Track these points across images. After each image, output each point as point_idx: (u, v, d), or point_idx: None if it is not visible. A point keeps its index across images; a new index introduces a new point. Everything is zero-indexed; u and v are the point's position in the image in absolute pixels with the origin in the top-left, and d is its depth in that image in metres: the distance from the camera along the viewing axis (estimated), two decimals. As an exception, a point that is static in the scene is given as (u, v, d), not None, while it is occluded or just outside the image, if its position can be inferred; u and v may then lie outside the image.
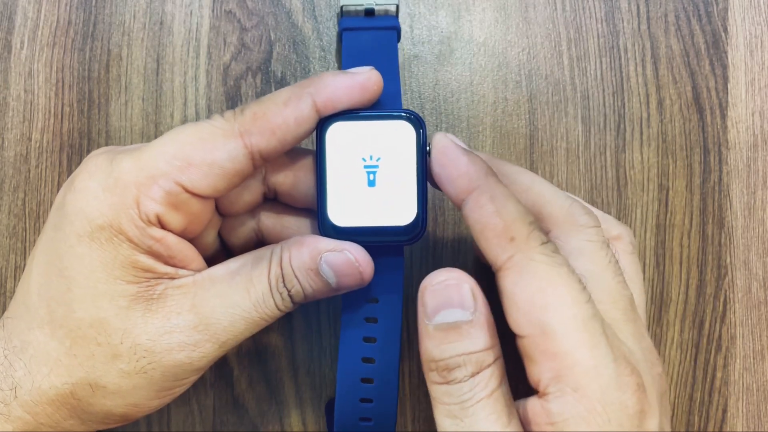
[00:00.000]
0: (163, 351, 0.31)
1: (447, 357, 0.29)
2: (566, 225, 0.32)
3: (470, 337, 0.29)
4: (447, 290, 0.30)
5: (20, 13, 0.41)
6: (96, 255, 0.31)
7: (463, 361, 0.29)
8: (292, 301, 0.33)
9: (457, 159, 0.31)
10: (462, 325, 0.29)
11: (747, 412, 0.42)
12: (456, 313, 0.29)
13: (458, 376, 0.29)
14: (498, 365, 0.29)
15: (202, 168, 0.31)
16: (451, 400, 0.29)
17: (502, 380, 0.29)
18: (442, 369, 0.29)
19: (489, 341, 0.29)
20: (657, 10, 0.42)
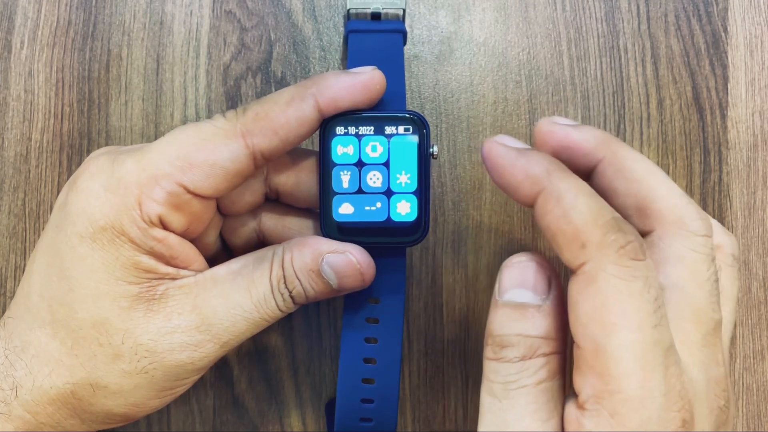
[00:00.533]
0: (165, 351, 0.31)
1: (504, 333, 0.28)
2: (673, 227, 0.28)
3: (533, 321, 0.28)
4: (525, 270, 0.29)
5: (20, 13, 0.41)
6: (98, 255, 0.31)
7: (517, 341, 0.27)
8: (294, 302, 0.33)
9: (512, 164, 0.28)
10: (529, 307, 0.28)
11: (747, 412, 0.42)
12: (527, 294, 0.28)
13: (508, 355, 0.27)
14: (554, 359, 0.27)
15: (204, 168, 0.31)
16: (496, 378, 0.28)
17: (555, 376, 0.27)
18: (497, 344, 0.28)
19: (551, 333, 0.27)
20: (657, 10, 0.42)
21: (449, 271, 0.42)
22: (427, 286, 0.42)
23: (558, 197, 0.26)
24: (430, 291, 0.42)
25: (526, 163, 0.27)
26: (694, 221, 0.28)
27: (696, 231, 0.28)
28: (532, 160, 0.27)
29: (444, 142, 0.42)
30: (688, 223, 0.28)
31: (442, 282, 0.42)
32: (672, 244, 0.28)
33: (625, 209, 0.29)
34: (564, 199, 0.26)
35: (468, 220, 0.42)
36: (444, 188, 0.42)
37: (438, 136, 0.42)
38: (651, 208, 0.29)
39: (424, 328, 0.42)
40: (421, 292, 0.42)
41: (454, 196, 0.42)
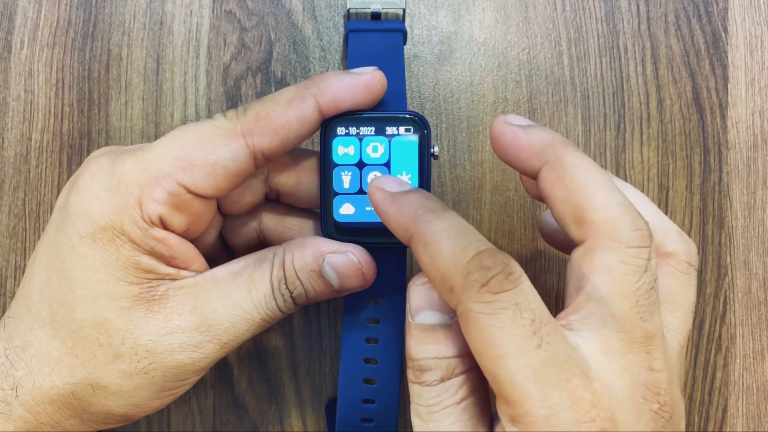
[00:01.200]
0: (165, 352, 0.31)
1: (421, 358, 0.28)
2: (605, 238, 0.28)
3: (445, 342, 0.28)
4: (429, 291, 0.29)
5: (20, 13, 0.41)
6: (98, 256, 0.31)
7: (434, 365, 0.28)
8: (294, 302, 0.33)
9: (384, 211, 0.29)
10: (439, 328, 0.28)
11: (747, 412, 0.42)
12: (435, 315, 0.29)
13: (428, 379, 0.28)
14: (472, 375, 0.28)
15: (205, 168, 0.31)
16: (420, 401, 0.28)
17: (475, 390, 0.28)
18: (416, 369, 0.29)
19: (464, 349, 0.28)
20: (657, 10, 0.42)
21: (449, 271, 0.42)
22: (427, 286, 0.42)
23: (425, 243, 0.27)
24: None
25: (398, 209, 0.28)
26: (625, 233, 0.28)
27: (627, 243, 0.28)
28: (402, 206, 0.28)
29: (444, 142, 0.42)
30: (620, 235, 0.28)
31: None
32: (602, 255, 0.28)
33: (562, 216, 0.29)
34: (429, 245, 0.27)
35: (468, 220, 0.42)
36: (444, 188, 0.42)
37: (438, 136, 0.42)
38: (585, 217, 0.29)
39: (424, 328, 0.42)
40: (421, 292, 0.42)
41: (454, 196, 0.42)
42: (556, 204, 0.29)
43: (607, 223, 0.28)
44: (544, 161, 0.29)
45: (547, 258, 0.42)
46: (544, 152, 0.29)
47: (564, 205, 0.29)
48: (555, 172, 0.29)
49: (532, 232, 0.42)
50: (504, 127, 0.30)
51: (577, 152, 0.29)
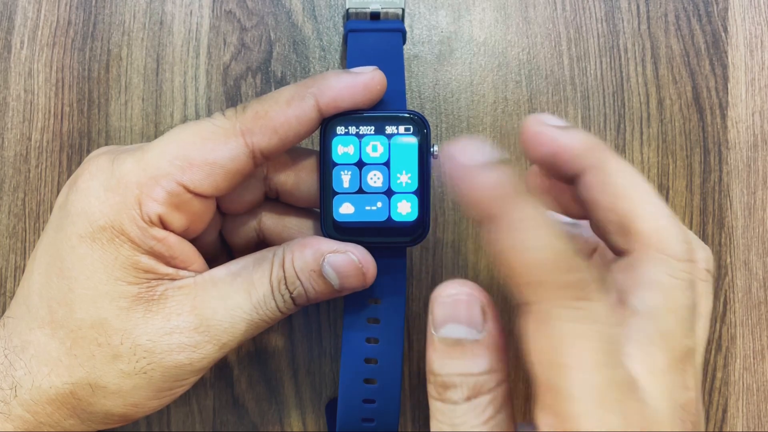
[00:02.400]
0: (163, 352, 0.31)
1: (445, 374, 0.27)
2: (653, 250, 0.27)
3: (473, 357, 0.27)
4: (456, 305, 0.27)
5: (20, 13, 0.41)
6: (97, 256, 0.31)
7: (460, 382, 0.27)
8: (294, 303, 0.32)
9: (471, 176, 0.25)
10: (466, 343, 0.27)
11: (747, 412, 0.42)
12: (461, 329, 0.27)
13: (453, 396, 0.27)
14: (499, 392, 0.27)
15: (204, 168, 0.31)
16: (443, 419, 0.27)
17: (502, 407, 0.27)
18: (439, 385, 0.27)
19: (493, 365, 0.27)
20: (657, 10, 0.42)
21: (449, 271, 0.42)
22: (427, 286, 0.42)
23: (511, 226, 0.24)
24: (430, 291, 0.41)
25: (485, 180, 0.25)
26: (675, 245, 0.27)
27: (676, 256, 0.27)
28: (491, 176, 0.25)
29: (444, 142, 0.42)
30: (668, 247, 0.27)
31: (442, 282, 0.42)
32: (650, 268, 0.27)
33: (606, 224, 0.28)
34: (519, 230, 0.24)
35: (468, 220, 0.42)
36: (444, 188, 0.42)
37: (438, 136, 0.42)
38: (632, 227, 0.28)
39: (424, 328, 0.42)
40: (421, 292, 0.42)
41: (455, 196, 0.42)
42: (599, 211, 0.28)
43: (655, 235, 0.27)
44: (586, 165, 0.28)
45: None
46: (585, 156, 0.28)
47: (608, 213, 0.28)
48: (598, 177, 0.28)
49: (532, 232, 0.42)
50: (540, 127, 0.28)
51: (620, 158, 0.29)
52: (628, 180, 0.28)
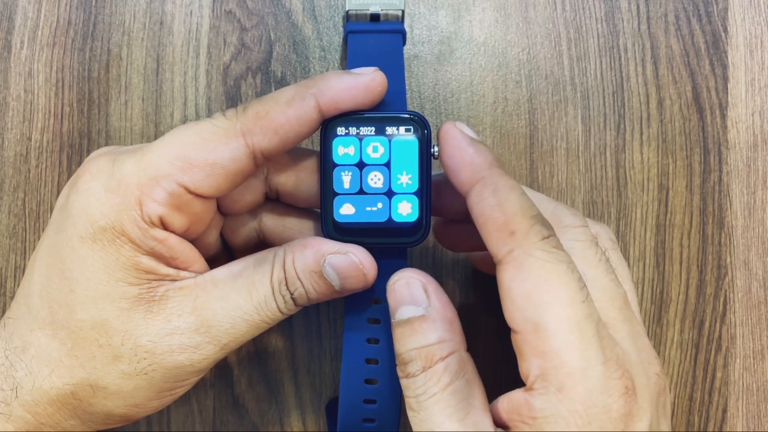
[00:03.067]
0: (164, 353, 0.31)
1: (403, 351, 0.30)
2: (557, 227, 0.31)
3: (422, 331, 0.30)
4: (400, 288, 0.31)
5: (20, 13, 0.41)
6: (98, 257, 0.31)
7: (415, 355, 0.30)
8: (295, 303, 0.32)
9: (462, 149, 0.30)
10: (414, 320, 0.30)
11: (747, 412, 0.42)
12: (409, 309, 0.30)
13: (411, 370, 0.30)
14: (454, 359, 0.30)
15: (204, 168, 0.31)
16: (409, 394, 0.30)
17: (459, 374, 0.29)
18: (401, 363, 0.30)
19: (442, 335, 0.30)
20: (657, 10, 0.42)
21: (449, 271, 0.42)
22: (427, 286, 0.42)
23: (495, 188, 0.29)
24: (430, 291, 0.42)
25: (474, 152, 0.30)
26: (567, 216, 0.32)
27: (572, 224, 0.32)
28: (479, 151, 0.30)
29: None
30: (563, 219, 0.32)
31: (442, 282, 0.42)
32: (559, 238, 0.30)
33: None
34: (499, 191, 0.29)
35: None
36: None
37: (438, 136, 0.42)
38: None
39: (424, 328, 0.42)
40: (421, 292, 0.42)
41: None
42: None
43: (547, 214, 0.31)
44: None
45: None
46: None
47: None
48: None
49: (532, 232, 0.42)
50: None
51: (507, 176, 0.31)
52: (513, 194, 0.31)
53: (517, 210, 0.29)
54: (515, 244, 0.28)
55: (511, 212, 0.29)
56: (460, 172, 0.30)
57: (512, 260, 0.28)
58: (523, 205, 0.29)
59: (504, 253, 0.29)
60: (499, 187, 0.29)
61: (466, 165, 0.30)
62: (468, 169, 0.30)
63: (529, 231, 0.28)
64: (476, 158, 0.30)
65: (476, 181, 0.30)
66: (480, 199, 0.29)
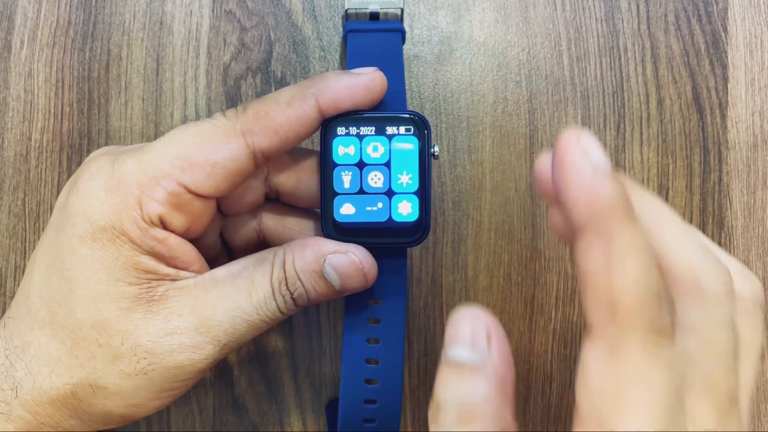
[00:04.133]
0: (164, 352, 0.31)
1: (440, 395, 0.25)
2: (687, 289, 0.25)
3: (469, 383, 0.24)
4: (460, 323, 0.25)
5: (20, 13, 0.41)
6: (98, 256, 0.31)
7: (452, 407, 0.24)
8: (295, 303, 0.32)
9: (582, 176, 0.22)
10: (465, 366, 0.25)
11: (747, 411, 0.42)
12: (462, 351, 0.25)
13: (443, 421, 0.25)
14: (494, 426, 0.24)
15: (205, 168, 0.31)
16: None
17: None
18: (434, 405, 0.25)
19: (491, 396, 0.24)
20: (657, 10, 0.42)
21: (449, 271, 0.42)
22: (427, 286, 0.42)
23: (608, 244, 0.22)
24: (430, 291, 0.42)
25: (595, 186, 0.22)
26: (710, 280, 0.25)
27: (713, 292, 0.25)
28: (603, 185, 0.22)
29: (444, 142, 0.42)
30: (704, 285, 0.25)
31: (442, 282, 0.42)
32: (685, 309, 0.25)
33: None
34: (614, 251, 0.22)
35: (468, 220, 0.42)
36: (444, 188, 0.42)
37: (438, 136, 0.42)
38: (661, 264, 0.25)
39: (424, 328, 0.42)
40: (421, 292, 0.42)
41: (454, 196, 0.42)
42: None
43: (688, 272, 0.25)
44: None
45: (547, 258, 0.42)
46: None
47: None
48: None
49: (531, 232, 0.42)
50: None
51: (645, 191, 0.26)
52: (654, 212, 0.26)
53: (630, 285, 0.22)
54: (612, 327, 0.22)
55: (621, 287, 0.22)
56: (571, 206, 0.23)
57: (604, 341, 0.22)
58: (640, 279, 0.22)
59: (597, 327, 0.23)
60: (616, 244, 0.22)
61: (580, 201, 0.22)
62: (582, 206, 0.22)
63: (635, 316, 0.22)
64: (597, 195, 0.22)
65: (588, 226, 0.22)
66: (586, 254, 0.23)
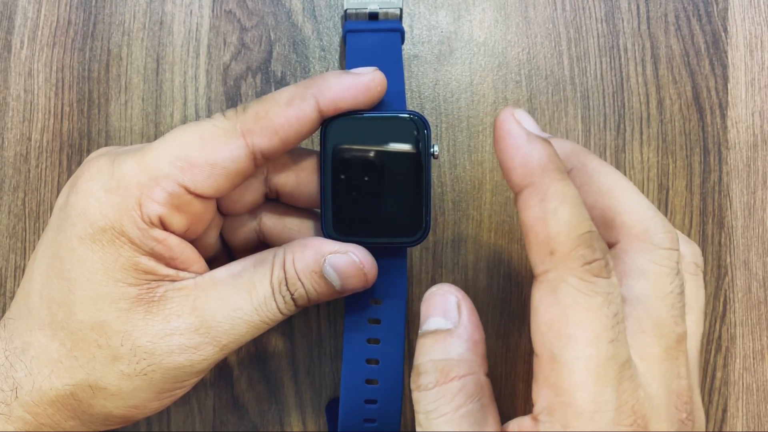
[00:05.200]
0: (164, 353, 0.31)
1: (420, 362, 0.29)
2: (637, 240, 0.28)
3: (444, 345, 0.29)
4: (433, 299, 0.30)
5: (20, 13, 0.41)
6: (97, 257, 0.31)
7: (431, 367, 0.28)
8: (295, 304, 0.32)
9: (516, 145, 0.27)
10: (440, 333, 0.29)
11: (747, 412, 0.42)
12: (438, 321, 0.29)
13: (424, 382, 0.28)
14: (471, 380, 0.28)
15: (204, 168, 0.31)
16: (419, 408, 0.28)
17: (474, 397, 0.28)
18: (415, 374, 0.29)
19: (464, 353, 0.28)
20: (657, 10, 0.42)
21: (449, 271, 0.42)
22: (427, 286, 0.42)
23: (543, 197, 0.26)
24: (430, 291, 0.42)
25: (528, 150, 0.27)
26: (658, 234, 0.28)
27: (660, 244, 0.28)
28: (534, 149, 0.27)
29: (444, 142, 0.42)
30: (652, 236, 0.28)
31: (442, 282, 0.42)
32: (636, 257, 0.28)
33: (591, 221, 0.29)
34: (548, 201, 0.26)
35: (468, 220, 0.42)
36: (444, 188, 0.42)
37: (438, 136, 0.42)
38: (616, 220, 0.29)
39: (424, 328, 0.42)
40: (422, 292, 0.42)
41: (454, 196, 0.42)
42: None
43: (638, 225, 0.29)
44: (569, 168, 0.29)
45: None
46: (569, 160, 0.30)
47: (592, 209, 0.29)
48: (581, 178, 0.30)
49: (532, 232, 0.42)
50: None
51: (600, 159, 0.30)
52: (610, 178, 0.30)
53: (563, 227, 0.26)
54: (552, 265, 0.26)
55: (555, 229, 0.26)
56: (510, 172, 0.27)
57: (546, 281, 0.26)
58: (572, 221, 0.26)
59: (540, 271, 0.26)
60: (549, 195, 0.26)
61: (517, 165, 0.27)
62: (519, 170, 0.27)
63: (570, 253, 0.26)
64: (530, 157, 0.27)
65: (525, 186, 0.27)
66: (526, 207, 0.26)
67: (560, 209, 0.26)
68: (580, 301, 0.25)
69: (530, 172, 0.26)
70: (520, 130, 0.27)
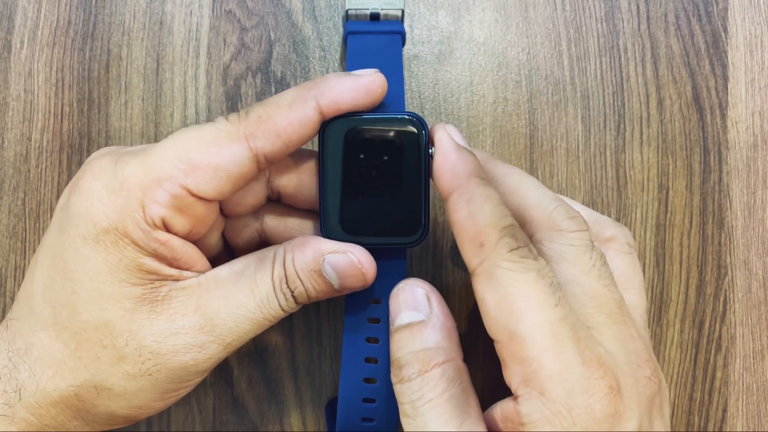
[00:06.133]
0: (169, 353, 0.31)
1: (400, 356, 0.30)
2: (547, 230, 0.32)
3: (420, 336, 0.30)
4: (402, 294, 0.32)
5: (20, 13, 0.41)
6: (101, 258, 0.31)
7: (412, 359, 0.30)
8: (296, 301, 0.33)
9: (446, 154, 0.31)
10: (414, 325, 0.31)
11: (747, 412, 0.42)
12: (410, 314, 0.31)
13: (407, 373, 0.30)
14: (451, 366, 0.30)
15: (208, 171, 0.31)
16: (404, 399, 0.30)
17: (455, 382, 0.30)
18: (396, 368, 0.30)
19: (440, 342, 0.30)
20: (657, 10, 0.42)
21: (449, 271, 0.42)
22: (428, 286, 0.42)
23: (469, 198, 0.29)
24: (430, 291, 0.42)
25: (456, 159, 0.30)
26: (563, 221, 0.31)
27: (567, 228, 0.31)
28: (462, 159, 0.30)
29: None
30: (559, 224, 0.31)
31: (442, 282, 0.42)
32: (551, 245, 0.31)
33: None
34: (473, 201, 0.29)
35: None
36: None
37: (438, 136, 0.42)
38: (526, 216, 0.32)
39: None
40: (422, 292, 0.42)
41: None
42: None
43: (545, 216, 0.32)
44: None
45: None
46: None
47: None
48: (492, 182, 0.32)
49: (532, 232, 0.42)
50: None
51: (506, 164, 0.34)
52: (515, 178, 0.33)
53: (488, 221, 0.29)
54: (484, 256, 0.29)
55: (482, 223, 0.29)
56: (440, 178, 0.31)
57: (482, 272, 0.29)
58: (495, 216, 0.29)
59: (475, 264, 0.29)
60: (474, 197, 0.29)
61: (446, 172, 0.30)
62: (448, 176, 0.30)
63: (497, 243, 0.28)
64: (458, 166, 0.30)
65: (454, 190, 0.30)
66: (455, 209, 0.30)
67: (485, 207, 0.29)
68: (517, 278, 0.28)
69: (458, 177, 0.30)
70: (450, 141, 0.31)
